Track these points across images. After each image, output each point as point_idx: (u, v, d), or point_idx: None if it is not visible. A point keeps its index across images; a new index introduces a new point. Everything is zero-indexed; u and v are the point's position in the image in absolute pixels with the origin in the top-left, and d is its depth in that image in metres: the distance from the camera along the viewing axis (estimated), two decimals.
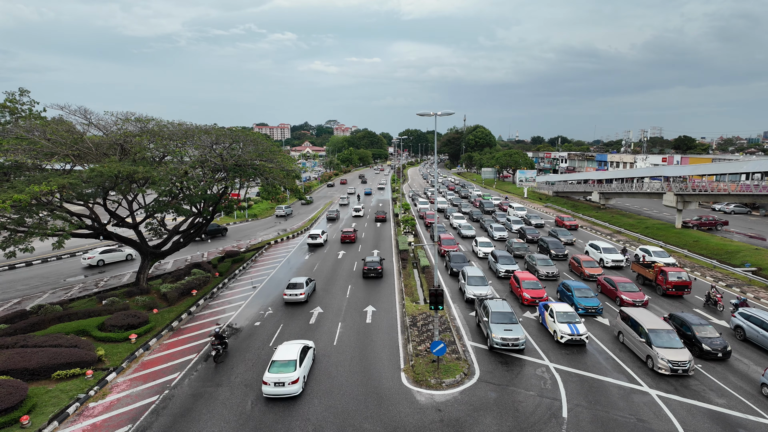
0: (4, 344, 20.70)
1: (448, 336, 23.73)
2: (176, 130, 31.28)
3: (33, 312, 25.71)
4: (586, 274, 34.29)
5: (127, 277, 35.93)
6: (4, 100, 27.27)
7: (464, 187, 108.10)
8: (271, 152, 35.48)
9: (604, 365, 21.05)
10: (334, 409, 17.35)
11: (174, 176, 27.81)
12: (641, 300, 28.01)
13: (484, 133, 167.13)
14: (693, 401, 18.03)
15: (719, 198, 51.64)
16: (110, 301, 27.48)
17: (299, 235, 53.97)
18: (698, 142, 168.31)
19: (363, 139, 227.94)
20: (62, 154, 25.19)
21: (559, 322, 23.41)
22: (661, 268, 31.35)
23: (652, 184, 60.94)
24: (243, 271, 38.26)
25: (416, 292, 31.18)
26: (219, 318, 27.28)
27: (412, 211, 69.32)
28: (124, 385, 19.42)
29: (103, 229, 28.50)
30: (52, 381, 19.07)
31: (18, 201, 20.01)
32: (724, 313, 27.77)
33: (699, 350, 21.66)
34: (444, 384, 19.09)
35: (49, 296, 31.03)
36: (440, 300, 20.97)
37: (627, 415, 16.97)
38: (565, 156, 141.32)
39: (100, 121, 29.46)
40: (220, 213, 36.30)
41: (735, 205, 64.84)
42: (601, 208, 69.07)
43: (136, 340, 23.31)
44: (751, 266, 36.52)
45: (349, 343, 23.38)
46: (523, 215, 62.21)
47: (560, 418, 16.82)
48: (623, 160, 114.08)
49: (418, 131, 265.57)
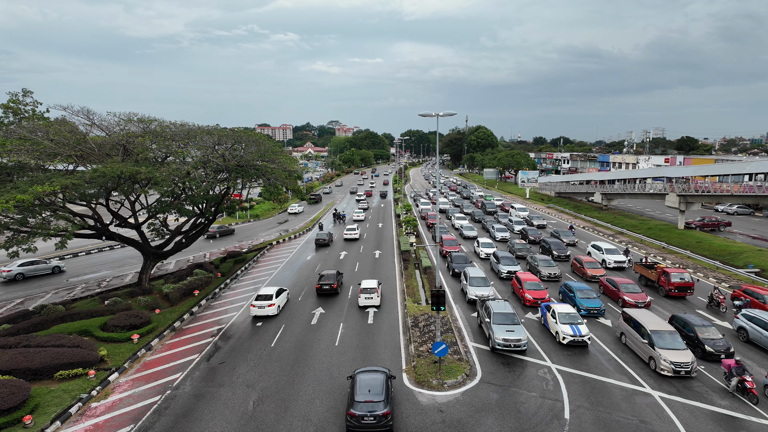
0: (7, 344, 20.78)
1: (449, 337, 23.71)
2: (179, 131, 31.36)
3: (36, 312, 25.81)
4: (588, 275, 34.21)
5: (130, 277, 36.01)
6: (8, 101, 27.38)
7: (466, 187, 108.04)
8: (273, 153, 35.53)
9: (607, 366, 20.99)
10: (335, 410, 17.34)
11: (176, 177, 27.86)
12: (643, 301, 27.93)
13: (486, 134, 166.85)
14: (696, 403, 17.95)
15: (722, 199, 51.50)
16: (113, 301, 27.56)
17: (301, 235, 54.04)
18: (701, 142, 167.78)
19: (365, 140, 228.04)
20: (65, 154, 25.27)
21: (561, 323, 23.36)
22: (664, 269, 31.26)
23: (655, 184, 60.80)
24: (245, 271, 38.32)
25: (418, 293, 31.16)
26: (221, 318, 27.33)
27: (414, 212, 69.30)
28: (126, 385, 19.46)
29: (105, 229, 28.58)
30: (55, 381, 19.13)
31: (21, 201, 20.08)
32: (727, 315, 27.66)
33: (702, 351, 21.57)
34: (446, 385, 19.07)
35: (52, 296, 31.14)
36: (442, 301, 20.95)
37: (629, 417, 16.91)
38: (567, 157, 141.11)
39: (102, 122, 29.56)
40: (222, 213, 36.34)
41: (738, 206, 64.58)
42: (604, 208, 68.91)
43: (139, 341, 23.35)
44: (754, 267, 36.38)
45: (351, 344, 23.37)
46: (525, 216, 62.15)
47: (562, 419, 16.78)
48: (626, 161, 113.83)
49: (420, 132, 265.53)
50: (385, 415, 15.54)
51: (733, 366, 18.52)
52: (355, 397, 16.10)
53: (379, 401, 15.89)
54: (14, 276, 35.50)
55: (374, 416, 15.45)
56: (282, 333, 24.85)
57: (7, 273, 35.36)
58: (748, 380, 18.09)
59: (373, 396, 16.05)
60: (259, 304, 26.82)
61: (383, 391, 16.33)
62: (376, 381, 16.82)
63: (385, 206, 78.75)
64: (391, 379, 17.91)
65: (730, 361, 18.86)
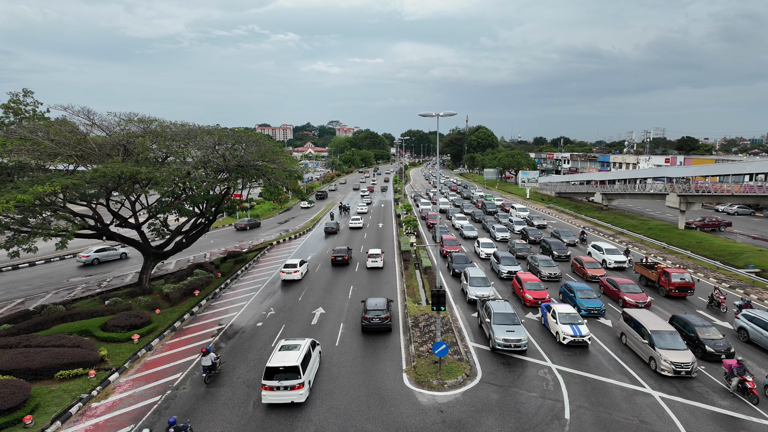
0: (8, 344, 20.79)
1: (450, 337, 23.70)
2: (179, 131, 31.38)
3: (36, 312, 25.82)
4: (588, 276, 34.19)
5: (130, 277, 36.03)
6: (8, 101, 27.38)
7: (466, 188, 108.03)
8: (274, 153, 35.56)
9: (607, 367, 20.98)
10: (336, 410, 17.35)
11: (177, 177, 27.87)
12: (644, 301, 27.92)
13: (487, 134, 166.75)
14: (696, 403, 17.95)
15: (722, 199, 51.46)
16: (113, 301, 27.57)
17: (301, 235, 54.08)
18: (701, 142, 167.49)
19: (365, 140, 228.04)
20: (65, 154, 25.29)
21: (561, 323, 23.35)
22: (665, 269, 31.24)
23: (655, 185, 60.79)
24: (245, 271, 38.33)
25: (418, 293, 31.16)
26: (221, 318, 27.34)
27: (414, 212, 69.31)
28: (126, 386, 19.47)
29: (105, 229, 28.59)
30: (55, 381, 19.14)
31: (21, 201, 20.09)
32: (727, 315, 27.64)
33: (702, 352, 21.56)
34: (446, 385, 19.06)
35: (52, 296, 31.14)
36: (442, 301, 20.95)
37: (629, 417, 16.91)
38: (567, 157, 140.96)
39: (103, 122, 29.57)
40: (223, 214, 36.37)
41: (738, 206, 64.55)
42: (604, 209, 68.90)
43: (139, 341, 23.36)
44: (755, 267, 36.36)
45: (351, 344, 23.38)
46: (526, 216, 62.13)
47: (563, 419, 16.78)
48: (626, 161, 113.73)
49: (421, 132, 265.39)
50: (386, 317, 24.22)
51: (735, 366, 18.50)
52: (367, 309, 24.72)
53: (381, 309, 24.58)
54: (92, 261, 40.26)
55: (379, 318, 24.17)
56: (282, 333, 24.86)
57: (86, 258, 39.99)
58: (748, 380, 18.08)
59: (378, 307, 24.73)
60: (287, 270, 34.40)
61: (385, 305, 25.02)
62: (380, 300, 25.67)
63: (385, 206, 78.84)
64: (390, 302, 26.90)
65: (731, 361, 18.84)
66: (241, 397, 18.35)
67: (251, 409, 17.53)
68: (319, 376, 20.00)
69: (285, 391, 17.02)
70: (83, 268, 39.20)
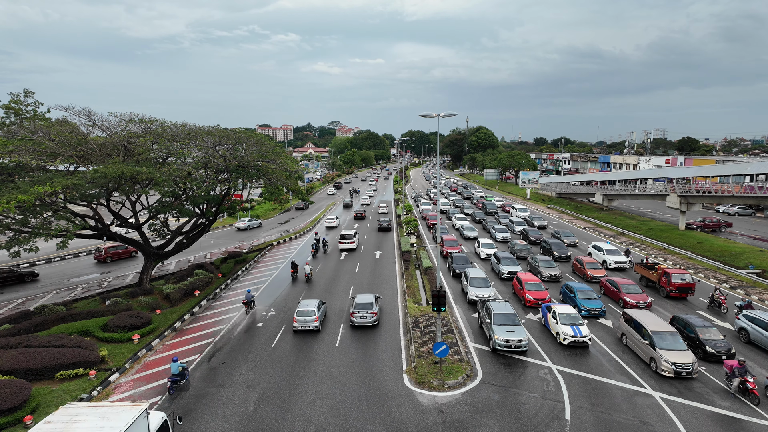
0: (8, 344, 20.79)
1: (450, 337, 23.70)
2: (179, 131, 31.39)
3: (37, 312, 25.83)
4: (589, 276, 34.18)
5: (130, 277, 36.04)
6: (9, 102, 27.39)
7: (467, 188, 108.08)
8: (274, 153, 35.57)
9: (607, 367, 20.97)
10: (336, 410, 17.35)
11: (177, 177, 27.88)
12: (644, 302, 27.90)
13: (487, 135, 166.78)
14: (697, 404, 17.93)
15: (723, 200, 51.46)
16: (113, 301, 27.58)
17: (302, 236, 54.09)
18: (702, 143, 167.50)
19: (366, 140, 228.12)
20: (66, 155, 25.30)
21: (561, 323, 23.34)
22: (665, 270, 31.23)
23: (656, 185, 60.79)
24: (246, 271, 38.35)
25: (418, 294, 31.15)
26: (222, 318, 27.35)
27: (415, 213, 69.32)
28: (127, 386, 19.47)
29: (106, 229, 28.62)
30: (56, 381, 19.14)
31: (22, 202, 20.11)
32: (728, 315, 27.62)
33: (703, 352, 21.54)
34: (446, 385, 19.06)
35: (53, 296, 31.16)
36: (443, 301, 20.94)
37: (630, 418, 16.90)
38: (568, 157, 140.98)
39: (103, 122, 29.57)
40: (223, 214, 36.38)
41: (739, 206, 64.49)
42: (604, 209, 68.90)
43: (139, 341, 23.36)
44: (756, 268, 36.32)
45: (352, 344, 23.37)
46: (526, 217, 62.12)
47: (563, 420, 16.77)
48: (626, 162, 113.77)
49: (421, 132, 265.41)
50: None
51: (736, 367, 18.48)
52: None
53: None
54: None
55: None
56: (282, 333, 24.86)
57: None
58: (749, 381, 18.06)
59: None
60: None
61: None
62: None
63: (385, 206, 78.72)
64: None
65: (732, 362, 18.82)
66: (241, 397, 18.36)
67: (251, 409, 17.53)
68: (319, 375, 20.00)
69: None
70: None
